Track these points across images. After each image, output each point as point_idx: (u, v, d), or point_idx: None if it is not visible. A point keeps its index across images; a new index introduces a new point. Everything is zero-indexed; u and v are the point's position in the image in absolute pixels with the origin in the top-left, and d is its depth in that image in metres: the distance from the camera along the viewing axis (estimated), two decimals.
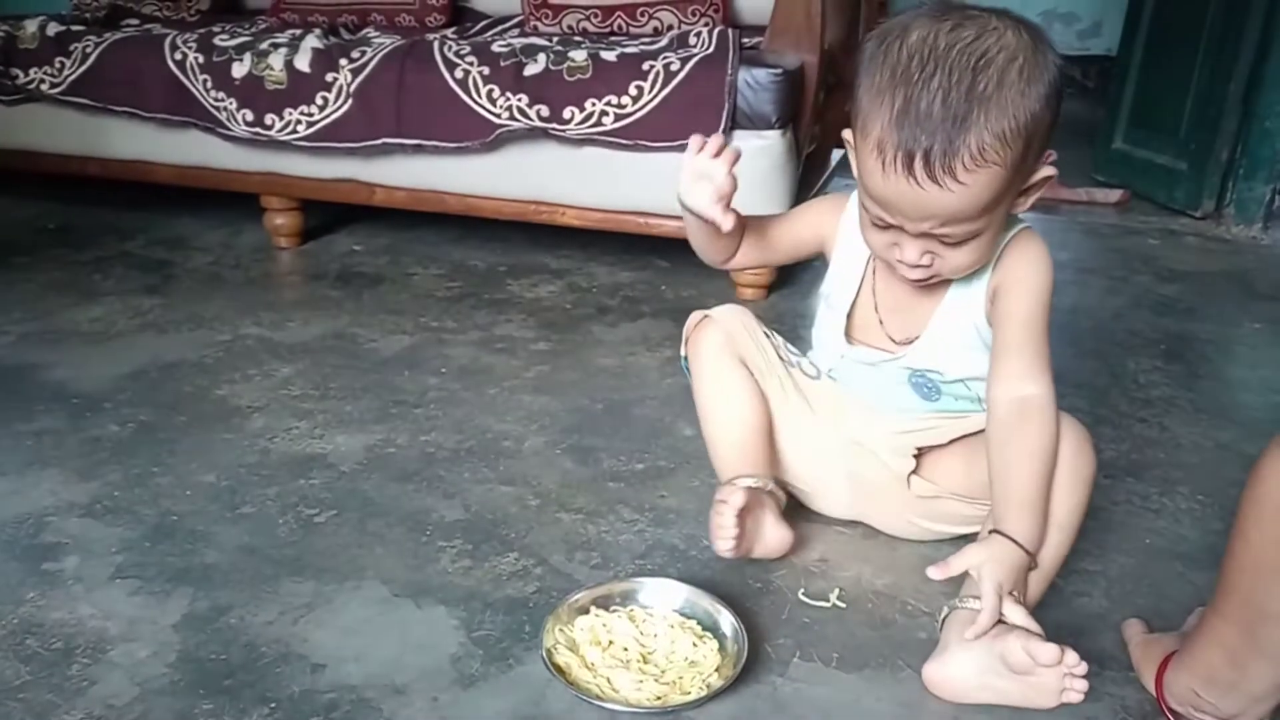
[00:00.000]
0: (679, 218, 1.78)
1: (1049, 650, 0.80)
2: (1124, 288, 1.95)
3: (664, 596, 0.96)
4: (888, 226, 0.87)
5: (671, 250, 2.00)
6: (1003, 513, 0.90)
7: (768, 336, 1.10)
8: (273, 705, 0.85)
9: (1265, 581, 0.70)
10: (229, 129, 1.92)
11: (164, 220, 2.22)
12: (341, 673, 0.89)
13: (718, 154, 0.93)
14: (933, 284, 0.95)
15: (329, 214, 2.17)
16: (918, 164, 0.79)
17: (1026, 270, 0.93)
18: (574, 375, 1.52)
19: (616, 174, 1.76)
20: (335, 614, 0.97)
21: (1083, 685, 0.83)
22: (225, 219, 2.21)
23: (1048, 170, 0.87)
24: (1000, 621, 0.85)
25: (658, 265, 2.00)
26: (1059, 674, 0.83)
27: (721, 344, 1.06)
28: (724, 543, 0.97)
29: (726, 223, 0.93)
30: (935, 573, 0.87)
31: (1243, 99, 2.35)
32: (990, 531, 0.90)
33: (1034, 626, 0.85)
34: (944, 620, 0.90)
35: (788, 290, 1.85)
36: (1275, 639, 0.72)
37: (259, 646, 0.92)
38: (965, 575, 0.90)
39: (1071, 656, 0.82)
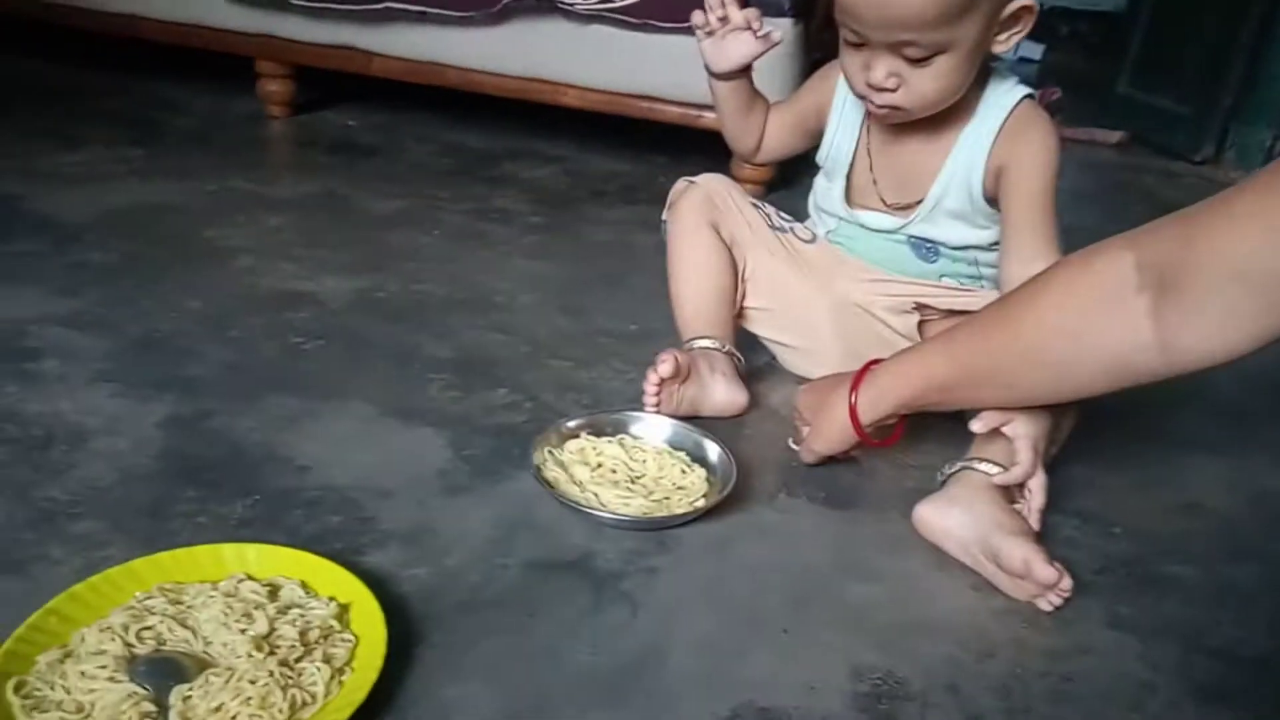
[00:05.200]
0: (684, 103, 1.77)
1: (1048, 573, 0.76)
2: (1123, 214, 1.94)
3: (654, 429, 0.95)
4: (860, 45, 0.89)
5: (670, 144, 1.97)
6: None
7: (756, 207, 1.10)
8: (256, 498, 0.83)
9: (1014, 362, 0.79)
10: None
11: (150, 85, 2.16)
12: (326, 475, 0.87)
13: (723, 13, 0.99)
14: (918, 135, 0.97)
15: (322, 89, 2.12)
16: None
17: (1031, 148, 0.94)
18: (569, 247, 1.50)
19: (622, 54, 1.73)
20: (321, 426, 0.95)
21: (1059, 601, 0.79)
22: (215, 87, 2.15)
23: (1024, 0, 0.86)
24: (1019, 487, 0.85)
25: (655, 160, 1.98)
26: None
27: (700, 208, 1.08)
28: (648, 406, 0.98)
29: (775, 35, 0.99)
30: (977, 426, 0.85)
31: (1251, 48, 2.35)
32: None
33: (1042, 503, 0.84)
34: (951, 475, 0.88)
35: (787, 191, 1.83)
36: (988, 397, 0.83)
37: (243, 448, 0.90)
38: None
39: (1067, 581, 0.78)
